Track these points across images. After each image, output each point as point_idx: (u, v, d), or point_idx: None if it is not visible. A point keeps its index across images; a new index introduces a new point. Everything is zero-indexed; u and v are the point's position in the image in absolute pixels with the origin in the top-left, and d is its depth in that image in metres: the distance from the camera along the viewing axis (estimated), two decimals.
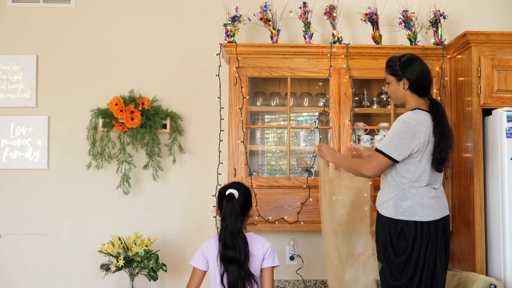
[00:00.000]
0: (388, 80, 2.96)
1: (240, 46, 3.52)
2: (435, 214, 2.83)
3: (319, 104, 3.71)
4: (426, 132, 2.80)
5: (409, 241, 2.80)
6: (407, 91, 2.89)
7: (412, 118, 2.81)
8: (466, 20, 3.98)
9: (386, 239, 2.86)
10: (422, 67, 2.88)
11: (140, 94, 3.84)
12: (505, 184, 3.16)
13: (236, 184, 2.89)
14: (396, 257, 2.83)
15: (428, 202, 2.83)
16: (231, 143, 3.52)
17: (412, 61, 2.88)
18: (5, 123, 3.83)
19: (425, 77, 2.88)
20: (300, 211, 3.49)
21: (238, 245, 2.69)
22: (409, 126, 2.79)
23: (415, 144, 2.78)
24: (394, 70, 2.91)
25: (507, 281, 3.12)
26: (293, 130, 3.80)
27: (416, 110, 2.86)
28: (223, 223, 2.73)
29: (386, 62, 2.97)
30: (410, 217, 2.81)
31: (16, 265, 3.78)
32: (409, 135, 2.78)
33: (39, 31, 3.91)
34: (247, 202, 2.83)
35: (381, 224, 2.90)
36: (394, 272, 2.84)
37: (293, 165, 3.70)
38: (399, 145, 2.78)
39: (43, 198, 3.82)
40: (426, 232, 2.80)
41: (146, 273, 3.51)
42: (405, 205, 2.82)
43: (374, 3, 3.81)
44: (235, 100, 3.53)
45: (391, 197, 2.87)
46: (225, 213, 2.74)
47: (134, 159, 3.82)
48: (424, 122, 2.81)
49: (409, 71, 2.86)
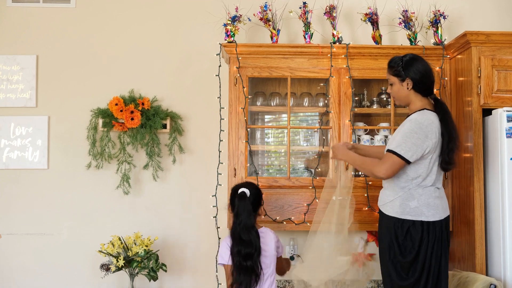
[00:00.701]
0: (391, 81, 2.94)
1: (240, 46, 3.52)
2: (440, 214, 2.83)
3: (319, 104, 3.71)
4: (436, 133, 2.79)
5: (415, 241, 2.79)
6: (411, 91, 2.88)
7: (424, 118, 2.80)
8: (466, 20, 3.98)
9: (391, 239, 2.84)
10: (425, 66, 2.87)
11: (140, 94, 3.84)
12: (505, 184, 3.16)
13: (248, 184, 3.06)
14: (402, 257, 2.82)
15: (434, 202, 2.82)
16: (231, 143, 3.52)
17: (414, 60, 2.87)
18: (5, 123, 3.83)
19: (429, 76, 2.87)
20: (307, 211, 3.49)
21: (253, 240, 2.86)
22: (421, 126, 2.77)
23: (427, 144, 2.77)
24: (397, 71, 2.88)
25: (507, 281, 3.12)
26: (293, 130, 3.79)
27: (424, 110, 2.85)
28: (236, 219, 2.90)
29: (388, 63, 2.94)
30: (417, 217, 2.80)
31: (16, 265, 3.78)
32: (422, 136, 2.76)
33: (39, 31, 3.91)
34: (257, 201, 3.01)
35: (385, 223, 2.88)
36: (400, 272, 2.83)
37: (300, 168, 3.71)
38: (412, 146, 2.75)
39: (43, 198, 3.82)
40: (432, 232, 2.79)
41: (146, 273, 3.51)
42: (412, 205, 2.81)
43: (374, 3, 3.81)
44: (235, 100, 3.53)
45: (397, 197, 2.85)
46: (238, 210, 2.91)
47: (134, 159, 3.82)
48: (434, 122, 2.81)
49: (412, 71, 2.85)
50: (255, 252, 2.85)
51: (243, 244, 2.86)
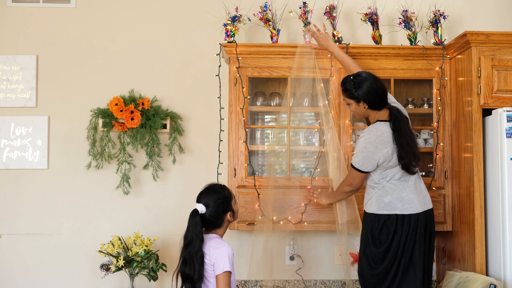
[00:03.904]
0: (347, 101, 3.16)
1: (240, 46, 3.52)
2: (416, 208, 3.01)
3: (319, 104, 3.70)
4: (389, 142, 3.02)
5: (390, 233, 3.00)
6: (368, 109, 3.11)
7: (373, 132, 3.06)
8: (466, 20, 3.98)
9: (367, 233, 3.07)
10: (374, 84, 3.08)
11: (140, 94, 3.84)
12: (505, 184, 3.16)
13: (209, 192, 2.86)
14: (376, 248, 3.02)
15: (408, 196, 3.02)
16: (231, 143, 3.52)
17: (364, 81, 3.07)
18: (5, 123, 3.83)
19: (379, 93, 3.09)
20: (304, 211, 3.49)
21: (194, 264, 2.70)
22: (370, 141, 3.03)
23: (379, 155, 3.01)
24: (351, 94, 3.10)
25: (507, 281, 3.12)
26: (293, 130, 3.79)
27: (376, 123, 3.09)
28: (185, 239, 2.77)
29: (341, 85, 3.16)
30: (391, 211, 3.01)
31: (16, 265, 3.78)
32: (372, 148, 3.01)
33: (39, 31, 3.91)
34: (219, 212, 2.81)
35: (365, 220, 3.13)
36: (371, 262, 3.04)
37: (300, 168, 3.71)
38: (365, 159, 3.03)
39: (43, 198, 3.82)
40: (407, 224, 2.99)
41: (146, 273, 3.51)
42: (386, 200, 3.04)
43: (374, 3, 3.82)
44: (235, 100, 3.53)
45: (373, 194, 3.09)
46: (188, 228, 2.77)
47: (134, 159, 3.82)
48: (385, 133, 3.03)
49: (364, 93, 3.07)
50: (195, 276, 2.70)
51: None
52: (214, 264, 2.73)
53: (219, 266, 2.71)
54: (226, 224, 2.87)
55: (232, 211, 2.86)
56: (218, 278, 2.71)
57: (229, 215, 2.85)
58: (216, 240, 2.80)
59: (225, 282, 2.70)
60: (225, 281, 2.70)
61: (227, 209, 2.84)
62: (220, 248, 2.75)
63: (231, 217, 2.87)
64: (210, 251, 2.75)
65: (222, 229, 2.86)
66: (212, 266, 2.74)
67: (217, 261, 2.72)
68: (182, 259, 2.75)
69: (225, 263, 2.71)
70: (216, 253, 2.74)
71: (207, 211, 2.79)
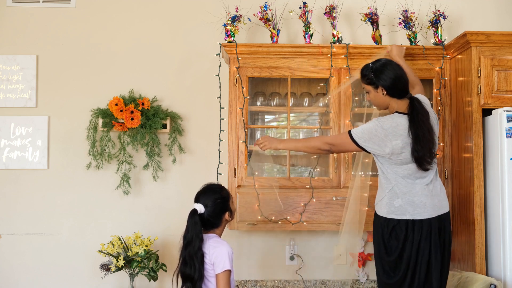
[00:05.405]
0: (366, 89, 3.02)
1: (240, 46, 3.52)
2: (428, 212, 2.85)
3: (319, 104, 3.70)
4: (401, 136, 2.84)
5: (400, 240, 2.83)
6: (387, 97, 2.94)
7: (388, 120, 2.89)
8: (466, 20, 3.98)
9: (378, 238, 2.91)
10: (394, 70, 2.92)
11: (140, 94, 3.84)
12: (505, 184, 3.16)
13: (208, 191, 2.87)
14: (387, 256, 2.87)
15: (419, 200, 2.86)
16: (231, 143, 3.52)
17: (383, 66, 2.93)
18: (5, 123, 3.83)
19: (400, 79, 2.92)
20: (303, 211, 3.49)
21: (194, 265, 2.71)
22: (384, 126, 2.87)
23: (386, 144, 2.85)
24: (369, 79, 2.96)
25: (507, 281, 3.12)
26: (293, 130, 3.79)
27: (394, 114, 2.93)
28: (184, 239, 2.77)
29: (360, 72, 3.02)
30: (401, 215, 2.86)
31: (16, 265, 3.78)
32: (381, 135, 2.86)
33: (39, 31, 3.91)
34: (217, 211, 2.83)
35: (376, 223, 2.97)
36: (387, 270, 2.88)
37: (300, 167, 3.71)
38: (368, 137, 2.88)
39: (43, 198, 3.83)
40: (418, 231, 2.82)
41: (146, 273, 3.51)
42: (396, 203, 2.87)
43: (374, 3, 3.82)
44: (235, 100, 3.53)
45: (384, 195, 2.92)
46: (187, 228, 2.77)
47: (134, 159, 3.82)
48: (400, 125, 2.87)
49: (383, 78, 2.91)
50: (195, 275, 2.71)
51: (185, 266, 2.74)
52: (214, 263, 2.73)
53: (219, 265, 2.72)
54: (224, 224, 2.89)
55: (230, 210, 2.88)
56: (218, 277, 2.71)
57: (227, 215, 2.87)
58: (215, 239, 2.81)
59: (225, 280, 2.71)
60: (225, 279, 2.71)
61: (225, 208, 2.86)
62: (220, 247, 2.76)
63: (229, 217, 2.89)
64: (210, 250, 2.76)
65: (220, 228, 2.87)
66: (212, 266, 2.74)
67: (217, 260, 2.73)
68: (182, 259, 2.75)
69: (225, 261, 2.72)
70: (216, 252, 2.74)
71: (205, 211, 2.80)
